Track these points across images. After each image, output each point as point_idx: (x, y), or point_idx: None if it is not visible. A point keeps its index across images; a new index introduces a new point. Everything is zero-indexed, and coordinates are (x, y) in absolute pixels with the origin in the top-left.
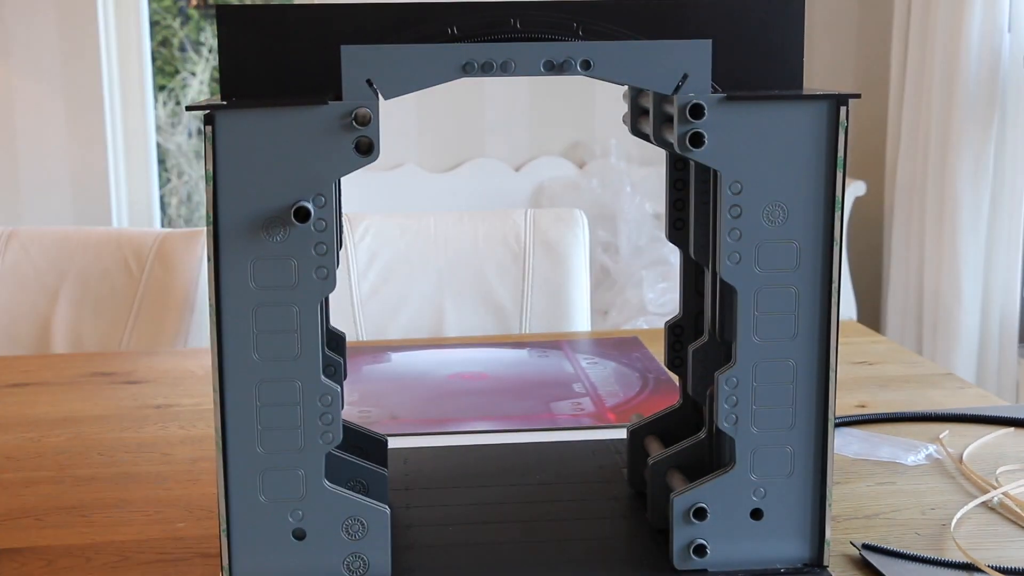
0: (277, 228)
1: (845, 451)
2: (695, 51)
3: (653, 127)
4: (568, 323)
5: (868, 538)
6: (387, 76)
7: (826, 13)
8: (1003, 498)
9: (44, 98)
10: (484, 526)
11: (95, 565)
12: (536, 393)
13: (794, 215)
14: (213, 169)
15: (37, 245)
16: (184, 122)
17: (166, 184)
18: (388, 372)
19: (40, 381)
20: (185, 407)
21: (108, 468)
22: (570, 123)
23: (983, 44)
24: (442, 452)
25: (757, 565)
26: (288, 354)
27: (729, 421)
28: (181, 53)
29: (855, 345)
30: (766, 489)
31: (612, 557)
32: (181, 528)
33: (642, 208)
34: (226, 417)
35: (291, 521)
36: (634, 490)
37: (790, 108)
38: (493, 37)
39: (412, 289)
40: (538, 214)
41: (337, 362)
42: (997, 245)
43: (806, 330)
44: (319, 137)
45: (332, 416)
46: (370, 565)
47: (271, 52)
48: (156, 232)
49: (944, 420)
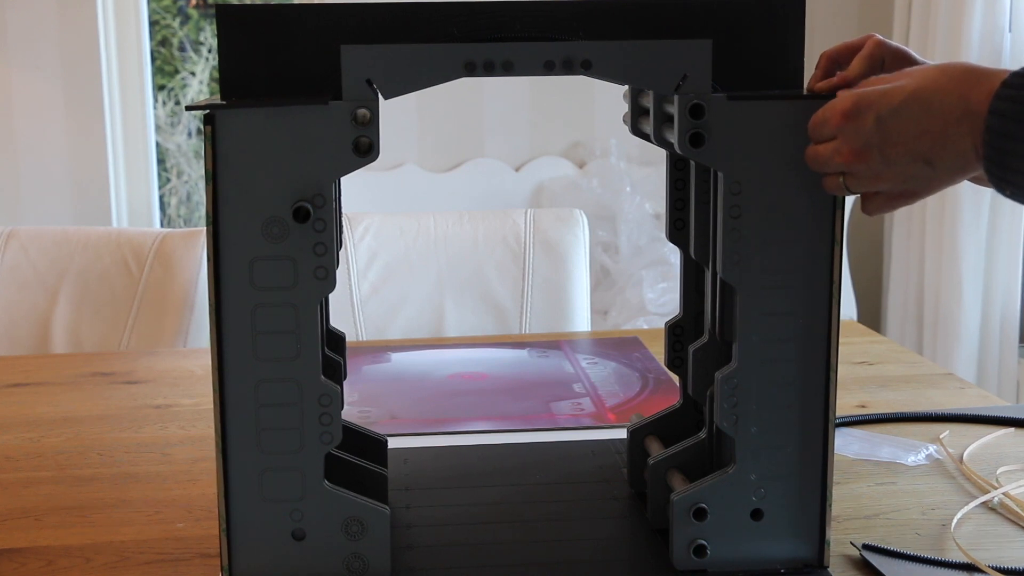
0: (276, 228)
1: (845, 451)
2: (695, 51)
3: (653, 127)
4: (568, 323)
5: (868, 538)
6: (387, 76)
7: (826, 13)
8: (1003, 498)
9: (44, 98)
10: (484, 526)
11: (95, 565)
12: (536, 393)
13: (794, 215)
14: (213, 169)
15: (37, 245)
16: (184, 122)
17: (166, 184)
18: (388, 372)
19: (40, 381)
20: (185, 407)
21: (108, 468)
22: (570, 123)
23: (983, 44)
24: (442, 452)
25: (757, 565)
26: (287, 354)
27: (729, 421)
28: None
29: (855, 345)
30: (766, 489)
31: (612, 557)
32: (181, 528)
33: (642, 208)
34: (226, 417)
35: (291, 521)
36: (634, 490)
37: (790, 108)
38: (493, 37)
39: (412, 289)
40: (538, 214)
41: (337, 362)
42: (997, 245)
43: (806, 330)
44: (319, 137)
45: (331, 416)
46: (370, 565)
47: (271, 52)
48: (156, 232)
49: (944, 420)
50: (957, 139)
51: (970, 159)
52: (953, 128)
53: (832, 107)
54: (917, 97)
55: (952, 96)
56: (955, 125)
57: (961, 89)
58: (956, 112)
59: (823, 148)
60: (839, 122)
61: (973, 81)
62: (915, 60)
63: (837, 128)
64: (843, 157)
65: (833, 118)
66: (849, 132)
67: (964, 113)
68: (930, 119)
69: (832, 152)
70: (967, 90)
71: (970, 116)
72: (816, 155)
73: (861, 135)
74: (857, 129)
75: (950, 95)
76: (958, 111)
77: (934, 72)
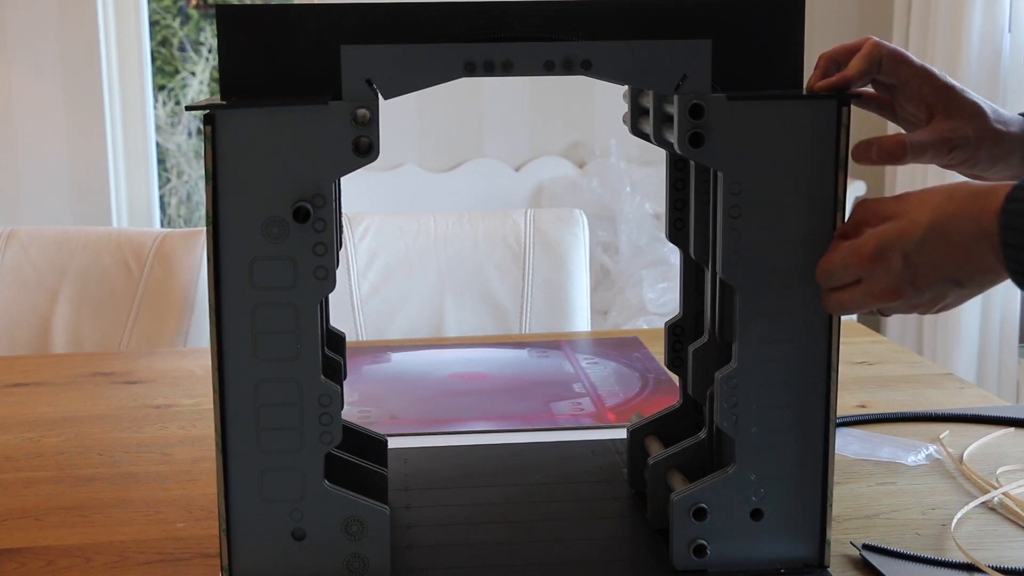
0: (276, 228)
1: (845, 451)
2: (695, 51)
3: (653, 127)
4: (568, 323)
5: (868, 538)
6: (387, 76)
7: (826, 13)
8: (1003, 498)
9: (44, 98)
10: (484, 526)
11: (95, 565)
12: (536, 393)
13: (794, 215)
14: (213, 169)
15: (37, 245)
16: (184, 122)
17: (166, 184)
18: (388, 372)
19: (40, 381)
20: (185, 407)
21: (108, 468)
22: (570, 123)
23: (983, 44)
24: (442, 452)
25: (757, 565)
26: (287, 354)
27: (729, 421)
28: (181, 53)
29: (855, 345)
30: (766, 489)
31: (612, 557)
32: (181, 528)
33: (642, 208)
34: (226, 417)
35: (291, 521)
36: (634, 490)
37: (790, 108)
38: (493, 37)
39: (412, 289)
40: (538, 214)
41: (337, 362)
42: None
43: (806, 330)
44: (319, 137)
45: (331, 416)
46: (370, 565)
47: (271, 52)
48: (156, 232)
49: (944, 420)
50: (980, 258)
51: (998, 272)
52: (974, 249)
53: (853, 252)
54: (935, 228)
55: (966, 221)
56: (975, 246)
57: (971, 211)
58: (973, 234)
59: (852, 294)
60: (866, 265)
61: (980, 201)
62: (912, 62)
63: (863, 271)
64: (877, 298)
65: (856, 263)
66: (878, 274)
67: (980, 234)
68: (952, 246)
69: (863, 296)
70: (977, 211)
71: (987, 235)
72: (847, 301)
73: (891, 275)
74: (886, 270)
75: (963, 220)
76: (974, 233)
77: (941, 199)
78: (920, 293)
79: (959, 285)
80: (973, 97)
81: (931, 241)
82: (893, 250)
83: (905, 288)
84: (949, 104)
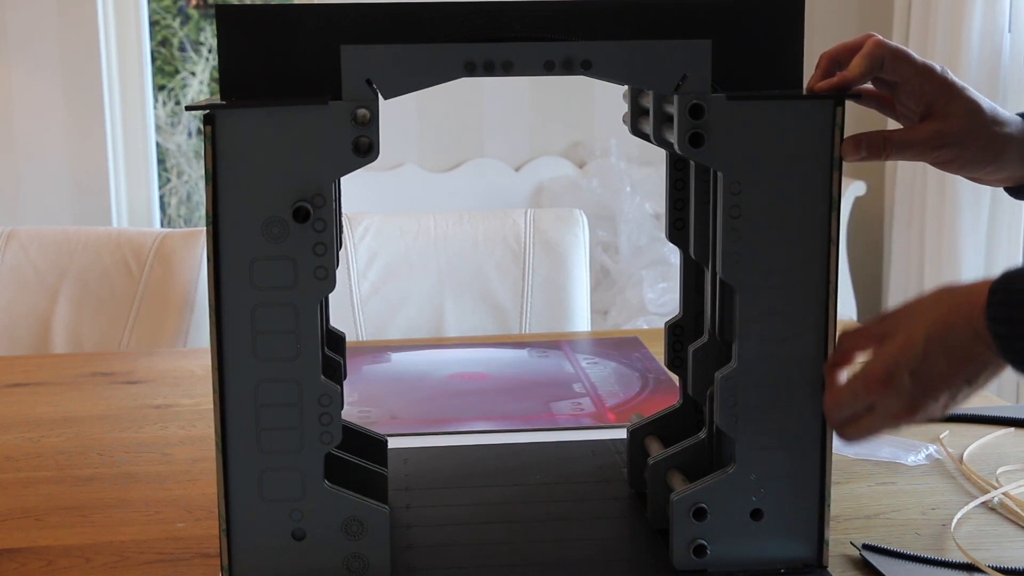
0: (276, 228)
1: (845, 451)
2: (695, 51)
3: (653, 127)
4: (568, 323)
5: (868, 538)
6: (387, 76)
7: (826, 13)
8: (1003, 498)
9: (44, 98)
10: (484, 526)
11: (95, 565)
12: (536, 393)
13: (794, 215)
14: (213, 169)
15: (37, 245)
16: (184, 122)
17: (166, 184)
18: (388, 372)
19: (40, 381)
20: (185, 407)
21: (108, 468)
22: (570, 123)
23: (983, 44)
24: (442, 452)
25: (757, 565)
26: (287, 354)
27: (729, 421)
28: (181, 53)
29: None
30: (766, 489)
31: (612, 557)
32: (181, 528)
33: (642, 208)
34: (226, 417)
35: (291, 521)
36: (634, 490)
37: (790, 108)
38: (493, 37)
39: (412, 289)
40: (538, 214)
41: (337, 362)
42: (997, 245)
43: (806, 330)
44: (319, 137)
45: (331, 416)
46: (370, 565)
47: (271, 52)
48: (156, 232)
49: (944, 420)
50: (982, 356)
51: (1000, 363)
52: (975, 350)
53: (861, 380)
54: (932, 339)
55: (959, 327)
56: (974, 347)
57: (961, 317)
58: (969, 337)
59: (871, 421)
60: (877, 390)
61: (965, 303)
62: (914, 60)
63: (876, 397)
64: (896, 419)
65: (866, 390)
66: (890, 397)
67: (975, 336)
68: (952, 352)
69: (883, 420)
70: (967, 315)
71: (980, 336)
72: (866, 430)
73: (903, 394)
74: (897, 391)
75: (957, 326)
76: (970, 335)
77: (929, 308)
78: (937, 401)
79: (969, 384)
80: (972, 95)
81: (933, 353)
82: (900, 369)
83: (920, 401)
84: (945, 102)
